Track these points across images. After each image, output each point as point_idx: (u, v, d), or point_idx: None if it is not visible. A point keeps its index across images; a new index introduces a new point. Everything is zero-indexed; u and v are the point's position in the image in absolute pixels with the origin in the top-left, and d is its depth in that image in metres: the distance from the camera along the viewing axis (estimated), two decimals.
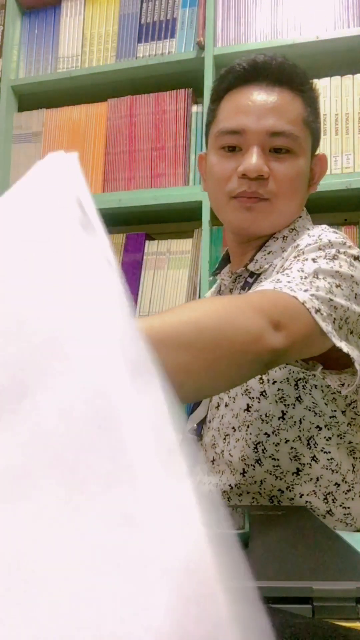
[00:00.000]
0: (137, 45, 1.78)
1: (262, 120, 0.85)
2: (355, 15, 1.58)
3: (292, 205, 0.90)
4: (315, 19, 1.60)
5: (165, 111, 1.72)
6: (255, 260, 0.91)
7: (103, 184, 1.76)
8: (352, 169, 1.50)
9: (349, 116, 1.52)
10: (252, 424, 0.85)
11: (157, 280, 1.67)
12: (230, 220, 0.92)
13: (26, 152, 1.88)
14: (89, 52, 1.84)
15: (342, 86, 1.54)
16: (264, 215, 0.89)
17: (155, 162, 1.71)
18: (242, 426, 0.86)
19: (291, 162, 0.86)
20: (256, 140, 0.85)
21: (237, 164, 0.86)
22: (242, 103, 0.87)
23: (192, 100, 1.71)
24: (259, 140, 0.85)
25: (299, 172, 0.88)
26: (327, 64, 1.61)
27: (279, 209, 0.88)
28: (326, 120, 1.54)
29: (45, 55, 1.91)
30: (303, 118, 0.87)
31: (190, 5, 1.73)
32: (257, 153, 0.84)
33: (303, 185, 0.91)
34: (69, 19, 1.89)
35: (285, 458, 0.85)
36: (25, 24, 1.97)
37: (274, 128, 0.84)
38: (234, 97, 0.89)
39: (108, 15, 1.84)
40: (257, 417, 0.85)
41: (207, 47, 1.66)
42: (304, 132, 0.87)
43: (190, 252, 1.66)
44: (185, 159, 1.68)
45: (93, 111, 1.82)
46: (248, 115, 0.85)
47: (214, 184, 0.92)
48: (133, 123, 1.76)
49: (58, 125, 1.85)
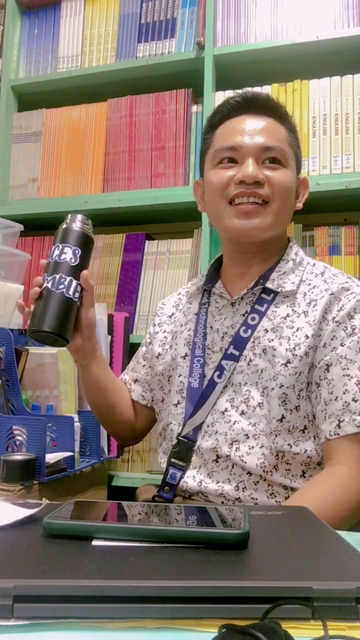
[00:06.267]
0: (137, 45, 1.78)
1: (254, 138, 0.97)
2: (355, 15, 1.57)
3: (285, 211, 0.99)
4: (315, 19, 1.60)
5: (165, 111, 1.72)
6: (272, 280, 0.99)
7: (103, 184, 1.76)
8: (352, 169, 1.50)
9: (349, 116, 1.52)
10: (280, 434, 0.90)
11: (157, 280, 1.67)
12: (229, 227, 0.98)
13: (26, 152, 1.88)
14: (89, 52, 1.84)
15: (342, 86, 1.54)
16: (262, 219, 0.96)
17: (155, 162, 1.71)
18: (261, 434, 0.91)
19: (282, 171, 0.98)
20: (251, 153, 0.97)
21: (234, 173, 0.97)
22: (237, 126, 0.99)
23: (192, 100, 1.71)
24: (254, 153, 0.97)
25: (290, 180, 0.98)
26: (327, 64, 1.61)
27: (274, 212, 0.97)
28: (326, 120, 1.54)
29: (45, 55, 1.91)
30: (288, 140, 1.00)
31: (190, 5, 1.73)
32: (253, 164, 0.96)
33: (292, 195, 1.01)
34: (69, 19, 1.89)
35: (297, 464, 0.91)
36: (25, 24, 1.97)
37: (266, 144, 0.97)
38: (228, 124, 1.01)
39: (108, 15, 1.84)
40: (287, 427, 0.90)
41: (207, 47, 1.65)
42: (290, 151, 1.00)
43: (190, 252, 1.66)
44: (185, 159, 1.68)
45: (93, 111, 1.82)
46: (243, 135, 0.98)
47: (212, 193, 1.00)
48: (133, 123, 1.76)
49: (58, 125, 1.85)
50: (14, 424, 1.11)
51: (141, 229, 1.79)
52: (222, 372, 0.95)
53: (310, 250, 1.55)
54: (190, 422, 0.97)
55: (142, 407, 1.14)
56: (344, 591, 0.38)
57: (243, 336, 0.96)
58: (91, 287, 0.94)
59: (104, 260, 1.74)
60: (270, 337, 0.94)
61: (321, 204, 1.57)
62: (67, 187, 1.81)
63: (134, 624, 0.37)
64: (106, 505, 0.58)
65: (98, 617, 0.37)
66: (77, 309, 0.93)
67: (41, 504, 0.59)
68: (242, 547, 0.47)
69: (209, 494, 0.93)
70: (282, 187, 0.96)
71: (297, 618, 0.37)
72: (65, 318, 0.90)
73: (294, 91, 1.58)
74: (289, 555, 0.47)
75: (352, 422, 0.86)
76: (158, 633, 0.36)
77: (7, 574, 0.40)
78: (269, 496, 0.90)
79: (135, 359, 1.18)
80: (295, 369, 0.91)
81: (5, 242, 1.64)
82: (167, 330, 1.11)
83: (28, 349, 1.30)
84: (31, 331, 0.89)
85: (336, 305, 0.93)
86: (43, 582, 0.39)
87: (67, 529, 0.49)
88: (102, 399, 1.07)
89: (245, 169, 0.95)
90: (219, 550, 0.46)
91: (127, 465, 1.64)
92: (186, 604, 0.38)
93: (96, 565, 0.42)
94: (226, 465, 0.93)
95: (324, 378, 0.90)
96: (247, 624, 0.33)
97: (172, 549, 0.46)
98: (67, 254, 0.92)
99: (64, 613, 0.37)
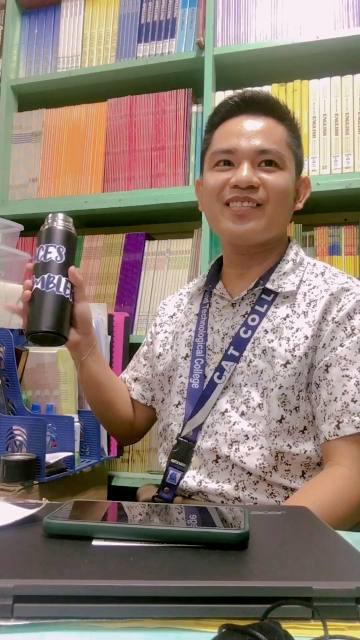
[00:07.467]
0: (137, 45, 1.78)
1: (251, 141, 0.96)
2: (355, 15, 1.57)
3: (281, 213, 0.98)
4: (315, 19, 1.60)
5: (165, 111, 1.72)
6: (272, 280, 0.99)
7: (103, 184, 1.76)
8: (352, 169, 1.50)
9: (349, 116, 1.52)
10: (280, 435, 0.90)
11: (157, 280, 1.67)
12: (224, 229, 0.98)
13: (26, 152, 1.88)
14: (89, 52, 1.84)
15: (342, 86, 1.54)
16: (256, 222, 0.96)
17: (155, 162, 1.71)
18: (261, 435, 0.91)
19: (279, 173, 0.97)
20: (246, 156, 0.96)
21: (230, 176, 0.97)
22: (234, 129, 0.99)
23: (192, 100, 1.71)
24: (249, 156, 0.96)
25: (286, 182, 0.97)
26: (327, 64, 1.61)
27: (269, 215, 0.96)
28: (326, 120, 1.54)
29: (45, 55, 1.91)
30: (286, 142, 0.99)
31: (190, 5, 1.73)
32: (248, 167, 0.95)
33: (290, 198, 1.00)
34: (69, 19, 1.89)
35: (297, 465, 0.91)
36: (25, 24, 1.97)
37: (262, 146, 0.96)
38: (226, 125, 1.00)
39: (108, 15, 1.84)
40: (286, 428, 0.90)
41: (207, 47, 1.65)
42: (288, 153, 0.99)
43: (190, 252, 1.66)
44: (185, 159, 1.68)
45: (93, 111, 1.82)
46: (239, 138, 0.97)
47: (209, 195, 1.00)
48: (133, 123, 1.76)
49: (58, 125, 1.85)
50: (14, 424, 1.11)
51: (141, 229, 1.79)
52: (222, 372, 0.95)
53: (310, 250, 1.55)
54: (190, 423, 0.97)
55: (141, 406, 1.14)
56: (344, 591, 0.38)
57: (243, 337, 0.96)
58: (80, 282, 0.94)
59: (104, 260, 1.74)
60: (270, 337, 0.94)
61: (321, 204, 1.57)
62: (67, 187, 1.81)
63: (134, 624, 0.37)
64: (106, 505, 0.58)
65: (98, 617, 0.37)
66: (70, 305, 0.94)
67: (41, 504, 0.59)
68: (242, 547, 0.47)
69: (209, 494, 0.93)
70: (278, 190, 0.96)
71: (297, 618, 0.37)
72: (60, 315, 0.90)
73: (294, 91, 1.58)
74: (289, 555, 0.46)
75: (351, 422, 0.86)
76: (158, 633, 0.36)
77: (7, 574, 0.40)
78: (269, 496, 0.90)
79: (136, 358, 1.18)
80: (294, 370, 0.91)
81: (5, 242, 1.64)
82: (168, 331, 1.11)
83: (28, 349, 1.30)
84: (28, 334, 0.89)
85: (336, 305, 0.93)
86: (43, 582, 0.39)
87: (67, 529, 0.49)
88: (100, 396, 1.07)
89: (239, 173, 0.95)
90: (219, 550, 0.46)
91: (127, 465, 1.64)
92: (186, 604, 0.38)
93: (96, 565, 0.42)
94: (226, 465, 0.93)
95: (324, 379, 0.90)
96: (247, 624, 0.33)
97: (172, 549, 0.46)
98: (52, 253, 0.92)
99: (64, 613, 0.37)
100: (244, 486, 0.91)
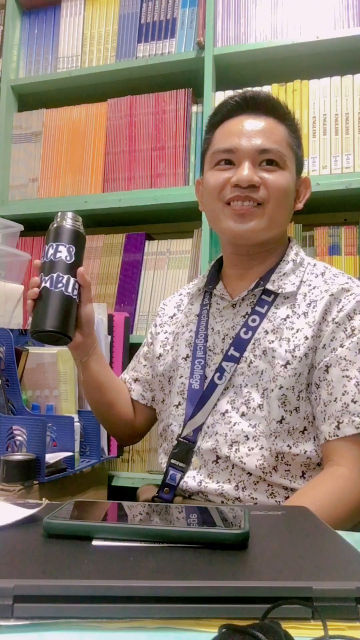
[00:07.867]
0: (137, 45, 1.78)
1: (252, 141, 0.96)
2: (355, 15, 1.57)
3: (281, 213, 0.98)
4: (315, 19, 1.60)
5: (165, 111, 1.72)
6: (272, 281, 0.99)
7: (103, 184, 1.76)
8: (352, 169, 1.50)
9: (349, 116, 1.52)
10: (280, 435, 0.90)
11: (157, 280, 1.67)
12: (225, 229, 0.98)
13: (26, 152, 1.88)
14: (89, 52, 1.84)
15: (342, 86, 1.54)
16: (257, 221, 0.96)
17: (155, 162, 1.71)
18: (261, 436, 0.91)
19: (279, 173, 0.97)
20: (247, 156, 0.96)
21: (230, 175, 0.97)
22: (235, 128, 0.99)
23: (192, 100, 1.71)
24: (250, 156, 0.96)
25: (287, 182, 0.97)
26: (327, 64, 1.61)
27: (270, 214, 0.96)
28: (326, 120, 1.54)
29: (45, 55, 1.91)
30: (287, 141, 0.99)
31: (190, 5, 1.73)
32: (249, 167, 0.96)
33: (290, 197, 1.00)
34: (69, 19, 1.89)
35: (297, 465, 0.91)
36: (25, 24, 1.97)
37: (262, 146, 0.96)
38: (227, 125, 1.00)
39: (108, 15, 1.84)
40: (287, 429, 0.90)
41: (207, 47, 1.65)
42: (289, 153, 0.99)
43: (190, 252, 1.66)
44: (185, 159, 1.68)
45: (93, 111, 1.82)
46: (240, 137, 0.97)
47: (209, 195, 1.00)
48: (133, 123, 1.76)
49: (58, 125, 1.85)
50: (14, 424, 1.11)
51: (141, 229, 1.79)
52: (223, 373, 0.95)
53: (310, 250, 1.55)
54: (190, 423, 0.97)
55: (141, 406, 1.14)
56: (344, 591, 0.38)
57: (243, 338, 0.96)
58: (88, 284, 0.94)
59: (104, 260, 1.74)
60: (271, 338, 0.94)
61: (321, 204, 1.57)
62: (67, 187, 1.81)
63: (134, 624, 0.37)
64: (106, 505, 0.58)
65: (98, 617, 0.37)
66: (77, 306, 0.93)
67: (41, 504, 0.59)
68: (242, 547, 0.47)
69: (209, 494, 0.93)
70: (278, 189, 0.96)
71: (297, 618, 0.37)
72: (67, 316, 0.90)
73: (294, 91, 1.58)
74: (289, 555, 0.46)
75: (351, 423, 0.86)
76: (158, 633, 0.36)
77: (7, 574, 0.40)
78: (269, 496, 0.90)
79: (136, 358, 1.18)
80: (294, 370, 0.91)
81: (5, 242, 1.64)
82: (169, 331, 1.11)
83: (28, 349, 1.30)
84: (34, 331, 0.89)
85: (336, 306, 0.93)
86: (43, 582, 0.39)
87: (67, 529, 0.49)
88: (101, 397, 1.07)
89: (240, 172, 0.95)
90: (219, 550, 0.46)
91: (127, 465, 1.64)
92: (186, 604, 0.38)
93: (96, 565, 0.42)
94: (226, 466, 0.93)
95: (324, 379, 0.90)
96: (247, 624, 0.33)
97: (172, 549, 0.46)
98: (62, 252, 0.92)
99: (64, 613, 0.37)
100: (244, 486, 0.91)
